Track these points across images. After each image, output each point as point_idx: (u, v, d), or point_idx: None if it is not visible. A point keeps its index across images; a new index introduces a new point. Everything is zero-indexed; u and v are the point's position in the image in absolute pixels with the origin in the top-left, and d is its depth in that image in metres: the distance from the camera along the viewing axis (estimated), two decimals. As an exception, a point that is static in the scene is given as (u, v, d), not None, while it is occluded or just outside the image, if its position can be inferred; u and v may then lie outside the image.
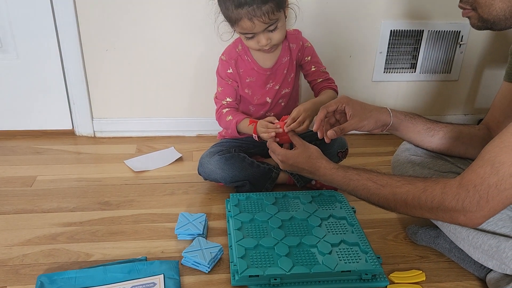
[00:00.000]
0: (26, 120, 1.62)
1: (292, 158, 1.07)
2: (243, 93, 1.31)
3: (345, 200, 1.22)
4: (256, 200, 1.22)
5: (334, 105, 1.05)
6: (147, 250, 1.08)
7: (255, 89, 1.30)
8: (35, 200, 1.26)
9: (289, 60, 1.30)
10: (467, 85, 1.72)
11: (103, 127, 1.65)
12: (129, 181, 1.37)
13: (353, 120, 1.04)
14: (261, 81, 1.29)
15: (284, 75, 1.30)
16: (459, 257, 1.02)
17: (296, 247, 1.04)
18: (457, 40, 1.62)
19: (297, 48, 1.30)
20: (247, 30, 1.13)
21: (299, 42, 1.30)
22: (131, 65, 1.55)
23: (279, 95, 1.33)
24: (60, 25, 1.47)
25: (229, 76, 1.29)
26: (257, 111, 1.35)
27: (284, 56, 1.29)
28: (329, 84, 1.32)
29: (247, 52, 1.28)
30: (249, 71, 1.28)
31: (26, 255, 1.04)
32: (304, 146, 1.08)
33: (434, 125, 1.08)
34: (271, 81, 1.30)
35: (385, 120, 1.06)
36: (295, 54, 1.30)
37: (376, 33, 1.58)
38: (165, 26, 1.50)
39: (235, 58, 1.28)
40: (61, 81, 1.56)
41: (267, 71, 1.29)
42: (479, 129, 1.07)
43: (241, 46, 1.28)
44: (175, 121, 1.66)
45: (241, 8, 1.09)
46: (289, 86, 1.32)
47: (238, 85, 1.30)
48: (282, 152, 1.09)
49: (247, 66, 1.28)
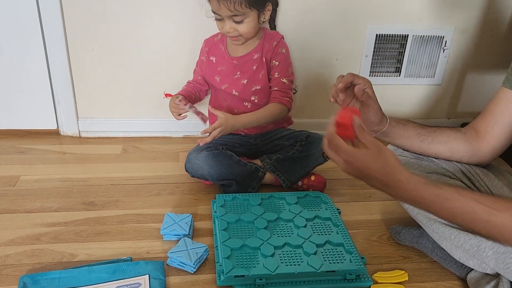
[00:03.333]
0: (9, 119, 1.59)
1: (362, 160, 0.79)
2: (213, 80, 1.38)
3: (330, 201, 1.23)
4: (242, 201, 1.22)
5: (361, 81, 0.97)
6: (133, 250, 1.07)
7: (223, 77, 1.37)
8: (18, 200, 1.24)
9: (259, 58, 1.34)
10: (450, 89, 1.75)
11: (89, 127, 1.64)
12: (114, 182, 1.36)
13: (371, 101, 0.98)
14: (229, 70, 1.36)
15: (253, 71, 1.34)
16: (441, 257, 1.04)
17: (281, 247, 1.04)
18: (441, 45, 1.65)
19: (269, 47, 1.34)
20: (214, 10, 1.23)
21: (272, 43, 1.35)
22: (117, 65, 1.54)
23: (249, 90, 1.36)
24: (46, 23, 1.45)
25: (199, 63, 1.42)
26: (232, 106, 1.38)
27: (255, 52, 1.34)
28: (281, 96, 1.33)
29: (223, 42, 1.36)
30: (220, 59, 1.37)
31: (9, 256, 1.03)
32: (378, 148, 0.80)
33: (424, 130, 1.06)
34: (238, 72, 1.35)
35: (380, 125, 1.03)
36: (265, 53, 1.34)
37: (362, 37, 1.60)
38: (152, 26, 1.50)
39: (210, 46, 1.38)
40: (46, 80, 1.54)
41: (234, 60, 1.35)
42: (465, 132, 1.05)
43: (221, 36, 1.37)
44: (162, 122, 1.65)
45: None
46: (259, 83, 1.35)
47: (205, 75, 1.41)
48: (350, 150, 0.80)
49: (220, 54, 1.37)
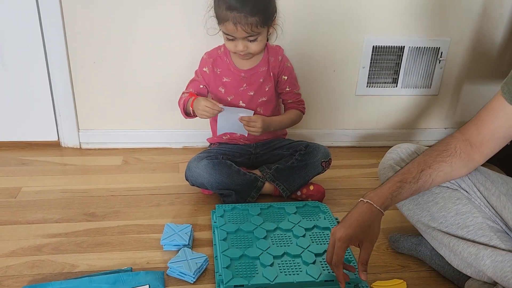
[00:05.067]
0: (11, 131, 1.61)
1: None
2: (217, 92, 1.38)
3: (329, 211, 1.24)
4: (241, 211, 1.23)
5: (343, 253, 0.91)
6: (133, 261, 1.08)
7: (229, 89, 1.37)
8: (19, 212, 1.25)
9: (266, 71, 1.36)
10: (447, 99, 1.77)
11: (89, 138, 1.65)
12: (115, 193, 1.37)
13: (365, 246, 0.91)
14: (236, 82, 1.36)
15: (260, 83, 1.37)
16: (439, 265, 1.05)
17: (280, 257, 1.05)
18: (437, 56, 1.67)
19: (276, 63, 1.37)
20: (230, 32, 1.22)
21: (278, 58, 1.38)
22: (118, 77, 1.56)
23: (255, 102, 1.38)
24: (47, 36, 1.48)
25: (202, 74, 1.39)
26: None
27: (262, 66, 1.37)
28: (298, 106, 1.44)
29: (227, 55, 1.36)
30: (226, 71, 1.37)
31: (10, 267, 1.04)
32: None
33: (417, 184, 0.95)
34: (245, 84, 1.36)
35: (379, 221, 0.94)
36: (272, 68, 1.37)
37: (359, 48, 1.62)
38: (152, 39, 1.52)
39: (214, 58, 1.37)
40: (47, 92, 1.56)
41: (242, 73, 1.36)
42: (459, 152, 0.96)
43: (223, 49, 1.37)
44: (162, 133, 1.67)
45: (231, 11, 1.18)
46: (265, 95, 1.38)
47: (209, 86, 1.39)
48: None
49: (225, 66, 1.37)
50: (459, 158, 0.96)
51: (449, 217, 0.97)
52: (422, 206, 1.02)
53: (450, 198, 0.99)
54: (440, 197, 1.00)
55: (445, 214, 0.98)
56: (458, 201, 0.98)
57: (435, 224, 0.99)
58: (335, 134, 1.75)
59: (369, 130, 1.78)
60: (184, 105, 1.33)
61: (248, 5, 1.17)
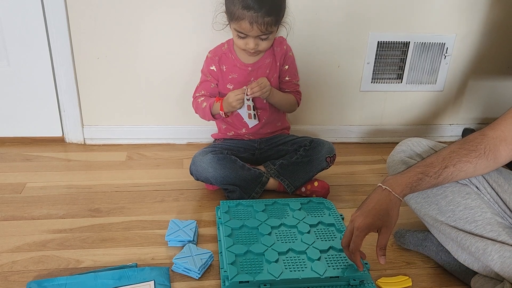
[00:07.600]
0: (16, 127, 1.61)
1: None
2: (225, 89, 1.37)
3: (333, 207, 1.24)
4: (246, 207, 1.23)
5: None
6: (138, 256, 1.08)
7: (236, 85, 1.36)
8: (24, 207, 1.25)
9: (272, 62, 1.37)
10: (452, 95, 1.76)
11: (93, 134, 1.65)
12: (119, 188, 1.37)
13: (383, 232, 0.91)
14: (243, 76, 1.36)
15: (266, 74, 1.37)
16: (445, 261, 1.05)
17: (285, 253, 1.05)
18: (442, 52, 1.66)
19: (281, 52, 1.38)
20: (244, 30, 1.22)
21: (283, 47, 1.39)
22: (122, 73, 1.56)
23: None
24: (52, 33, 1.48)
25: (210, 73, 1.38)
26: None
27: (267, 57, 1.37)
28: (295, 95, 1.44)
29: (232, 51, 1.36)
30: (232, 67, 1.36)
31: (16, 262, 1.04)
32: None
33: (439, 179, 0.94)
34: (252, 78, 1.36)
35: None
36: (279, 57, 1.38)
37: (364, 44, 1.62)
38: (157, 35, 1.51)
39: (219, 55, 1.37)
40: (51, 88, 1.56)
41: (249, 67, 1.36)
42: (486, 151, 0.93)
43: (227, 46, 1.37)
44: (165, 129, 1.67)
45: (248, 10, 1.18)
46: (272, 86, 1.37)
47: (218, 83, 1.38)
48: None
49: (231, 63, 1.36)
50: (485, 159, 0.94)
51: (458, 211, 0.97)
52: (431, 199, 1.01)
53: (459, 193, 0.98)
54: (449, 191, 0.99)
55: (453, 208, 0.97)
56: (467, 195, 0.98)
57: (443, 218, 0.98)
58: (340, 130, 1.75)
59: (373, 126, 1.77)
60: (210, 108, 1.34)
61: (266, 6, 1.18)
